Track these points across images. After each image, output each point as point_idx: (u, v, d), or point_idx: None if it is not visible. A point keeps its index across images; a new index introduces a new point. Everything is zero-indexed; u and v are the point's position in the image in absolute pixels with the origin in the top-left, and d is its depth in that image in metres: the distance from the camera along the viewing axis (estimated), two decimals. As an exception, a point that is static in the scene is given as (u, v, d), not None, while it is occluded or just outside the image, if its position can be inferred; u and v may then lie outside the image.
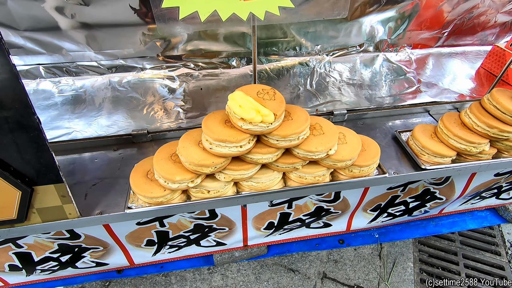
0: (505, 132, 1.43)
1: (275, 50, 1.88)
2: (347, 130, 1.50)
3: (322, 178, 1.42)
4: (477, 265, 2.62)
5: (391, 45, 2.03)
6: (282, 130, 1.26)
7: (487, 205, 2.88)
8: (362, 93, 1.93)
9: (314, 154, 1.30)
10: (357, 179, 1.50)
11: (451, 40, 2.15)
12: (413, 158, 1.63)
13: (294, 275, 2.56)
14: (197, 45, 1.76)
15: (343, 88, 1.92)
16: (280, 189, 1.47)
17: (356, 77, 1.98)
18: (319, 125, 1.39)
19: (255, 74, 1.42)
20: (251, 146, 1.27)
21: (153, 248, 2.26)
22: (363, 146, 1.49)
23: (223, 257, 2.50)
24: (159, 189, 1.33)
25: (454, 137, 1.50)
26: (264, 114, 1.15)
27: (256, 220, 2.22)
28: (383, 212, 2.50)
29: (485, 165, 1.54)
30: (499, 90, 1.49)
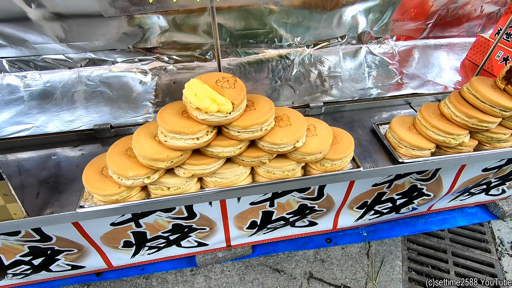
0: (484, 122, 1.36)
1: (253, 42, 1.81)
2: (319, 122, 1.42)
3: (292, 173, 1.35)
4: (466, 263, 2.57)
5: (374, 37, 1.97)
6: (243, 120, 1.18)
7: (476, 202, 2.83)
8: (341, 85, 1.86)
9: (280, 146, 1.22)
10: (329, 173, 1.42)
11: (437, 32, 2.08)
12: (391, 151, 1.57)
13: (279, 275, 2.49)
14: (170, 37, 1.68)
15: (322, 81, 1.84)
16: (246, 185, 1.39)
17: (337, 70, 1.91)
18: (287, 116, 1.31)
19: (219, 62, 1.34)
20: (209, 138, 1.19)
21: (131, 249, 2.18)
22: (336, 139, 1.42)
23: (206, 258, 2.43)
24: (113, 186, 1.24)
25: (432, 128, 1.43)
26: (220, 103, 1.07)
27: (237, 219, 2.15)
28: (370, 209, 2.44)
29: (465, 157, 1.47)
30: (479, 78, 1.42)
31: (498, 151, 1.52)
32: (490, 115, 1.36)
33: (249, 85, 1.80)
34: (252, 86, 1.80)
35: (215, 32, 1.24)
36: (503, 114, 1.36)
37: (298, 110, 1.70)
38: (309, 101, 1.68)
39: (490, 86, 1.39)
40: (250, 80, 1.84)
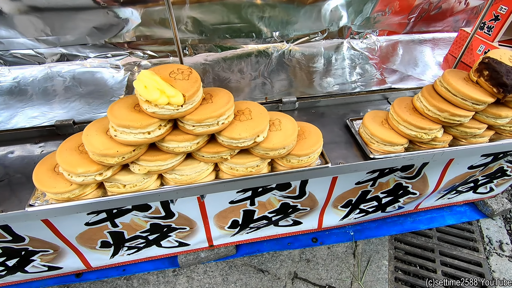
0: (456, 116, 1.31)
1: (230, 37, 1.77)
2: (285, 117, 1.37)
3: (256, 169, 1.30)
4: (454, 262, 2.53)
5: (355, 32, 1.93)
6: (198, 114, 1.13)
7: (465, 200, 2.79)
8: (319, 81, 1.81)
9: (239, 141, 1.18)
10: (296, 170, 1.37)
11: (420, 27, 2.04)
12: (363, 147, 1.52)
13: (263, 275, 2.44)
14: (143, 32, 1.64)
15: (299, 76, 1.80)
16: (206, 183, 1.33)
17: (315, 65, 1.87)
18: (249, 110, 1.27)
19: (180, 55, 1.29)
20: (162, 133, 1.14)
21: (110, 250, 2.13)
22: (304, 134, 1.37)
23: (188, 258, 2.38)
24: (64, 184, 1.19)
25: (404, 123, 1.38)
26: (170, 95, 1.03)
27: (218, 219, 2.10)
28: (355, 208, 2.40)
29: (439, 153, 1.43)
30: (452, 71, 1.38)
31: (473, 147, 1.48)
32: (462, 109, 1.32)
33: (224, 81, 1.76)
34: (227, 82, 1.75)
35: (173, 22, 1.19)
36: (475, 107, 1.31)
37: (271, 105, 1.66)
38: (282, 96, 1.63)
39: (463, 79, 1.34)
40: (226, 75, 1.79)
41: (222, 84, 1.75)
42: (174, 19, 1.20)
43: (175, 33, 1.22)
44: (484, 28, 1.75)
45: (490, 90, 1.28)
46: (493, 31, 1.71)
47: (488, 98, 1.28)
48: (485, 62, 1.29)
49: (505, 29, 1.68)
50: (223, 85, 1.75)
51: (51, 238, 1.86)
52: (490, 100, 1.29)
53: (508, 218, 2.86)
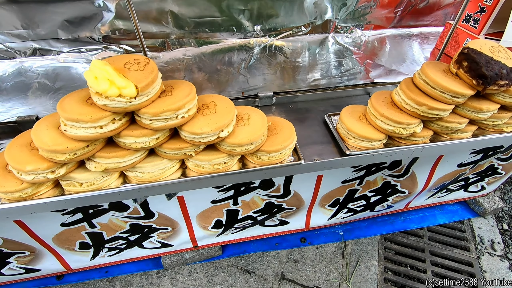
0: (434, 109, 1.25)
1: (210, 31, 1.71)
2: (254, 111, 1.31)
3: (223, 166, 1.24)
4: (444, 262, 2.48)
5: (340, 26, 1.87)
6: (154, 107, 1.06)
7: (456, 199, 2.75)
8: (300, 76, 1.75)
9: (201, 136, 1.12)
10: (266, 167, 1.30)
11: (408, 21, 1.99)
12: (339, 143, 1.46)
13: (250, 277, 2.39)
14: (118, 25, 1.58)
15: (280, 71, 1.75)
16: (169, 181, 1.25)
17: (298, 60, 1.81)
18: (214, 103, 1.21)
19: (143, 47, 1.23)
20: (116, 127, 1.07)
21: (90, 251, 2.07)
22: (276, 130, 1.31)
23: (172, 259, 2.32)
24: (15, 183, 1.12)
25: (381, 118, 1.32)
26: (121, 86, 0.96)
27: (201, 219, 2.05)
28: (343, 207, 2.35)
29: (418, 149, 1.37)
30: (431, 63, 1.32)
31: (453, 143, 1.42)
32: (441, 102, 1.26)
33: (201, 76, 1.70)
34: (205, 77, 1.69)
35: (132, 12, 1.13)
36: (454, 100, 1.25)
37: (247, 100, 1.60)
38: (261, 91, 1.57)
39: (442, 71, 1.28)
40: (204, 70, 1.73)
41: (200, 79, 1.69)
42: (133, 9, 1.14)
43: (135, 22, 1.16)
44: (470, 21, 1.70)
45: (469, 82, 1.22)
46: (479, 24, 1.66)
47: (467, 91, 1.22)
48: (464, 52, 1.23)
49: (491, 22, 1.63)
50: (201, 80, 1.70)
51: (26, 239, 1.80)
52: (470, 92, 1.23)
53: (500, 217, 2.81)
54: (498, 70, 1.15)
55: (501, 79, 1.16)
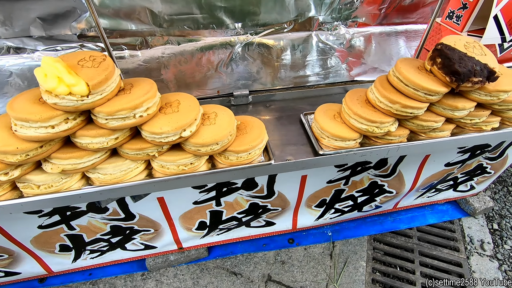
0: (408, 107, 1.22)
1: (190, 28, 1.67)
2: (222, 110, 1.27)
3: (190, 167, 1.20)
4: (433, 263, 2.45)
5: (324, 24, 1.84)
6: (108, 105, 1.02)
7: (445, 198, 2.72)
8: (280, 74, 1.72)
9: (161, 136, 1.08)
10: (234, 167, 1.25)
11: (393, 18, 1.95)
12: (313, 142, 1.41)
13: (236, 278, 2.35)
14: (93, 23, 1.54)
15: (260, 69, 1.71)
16: (131, 183, 1.20)
17: (279, 58, 1.78)
18: (178, 102, 1.17)
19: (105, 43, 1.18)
20: (70, 127, 1.01)
21: (71, 253, 2.04)
22: (246, 129, 1.28)
23: (157, 261, 2.29)
24: None
25: (354, 116, 1.29)
26: (70, 84, 0.92)
27: (184, 220, 2.01)
28: (330, 208, 2.32)
29: (394, 148, 1.34)
30: (405, 59, 1.29)
31: (430, 142, 1.38)
32: (415, 100, 1.23)
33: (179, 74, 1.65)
34: (182, 75, 1.65)
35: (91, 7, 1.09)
36: (428, 98, 1.22)
37: (222, 99, 1.57)
38: (234, 90, 1.53)
39: (416, 67, 1.25)
40: (182, 69, 1.69)
41: (178, 78, 1.66)
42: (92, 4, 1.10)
43: (95, 17, 1.12)
44: (453, 18, 1.67)
45: (443, 79, 1.19)
46: (462, 21, 1.63)
47: (441, 88, 1.19)
48: (437, 49, 1.20)
49: (474, 18, 1.60)
50: (178, 78, 1.66)
51: (3, 242, 1.77)
52: (444, 90, 1.20)
53: (490, 217, 2.79)
54: (472, 66, 1.12)
55: (475, 76, 1.13)
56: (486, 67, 1.17)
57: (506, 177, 3.18)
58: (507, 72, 1.34)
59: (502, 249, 2.54)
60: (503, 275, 2.38)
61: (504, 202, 2.93)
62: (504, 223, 2.73)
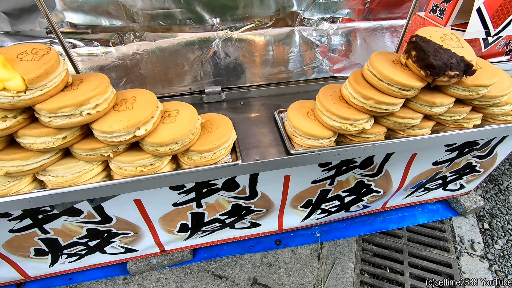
0: (382, 103, 1.16)
1: (166, 24, 1.61)
2: (186, 107, 1.20)
3: (149, 168, 1.13)
4: (423, 263, 2.40)
5: (307, 19, 1.78)
6: (51, 102, 0.94)
7: (435, 197, 2.67)
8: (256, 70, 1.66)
9: (112, 135, 1.01)
10: (196, 168, 1.18)
11: (378, 13, 1.90)
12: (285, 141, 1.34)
13: (221, 281, 2.29)
14: (61, 18, 1.48)
15: (236, 65, 1.65)
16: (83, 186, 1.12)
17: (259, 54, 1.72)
18: (134, 98, 1.10)
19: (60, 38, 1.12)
20: (8, 126, 0.92)
21: (47, 258, 1.97)
22: (212, 127, 1.22)
23: (139, 265, 2.22)
24: None
25: (327, 113, 1.22)
26: (3, 78, 0.85)
27: (164, 222, 1.95)
28: (316, 208, 2.26)
29: (369, 147, 1.28)
30: (380, 53, 1.23)
31: (408, 140, 1.32)
32: (389, 96, 1.17)
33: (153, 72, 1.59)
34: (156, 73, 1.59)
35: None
36: (403, 93, 1.16)
37: (194, 96, 1.51)
38: (205, 87, 1.47)
39: (391, 61, 1.19)
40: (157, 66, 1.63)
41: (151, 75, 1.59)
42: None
43: (44, 9, 1.06)
44: (437, 11, 1.62)
45: (418, 73, 1.13)
46: (445, 14, 1.58)
47: (416, 83, 1.13)
48: (412, 41, 1.14)
49: (457, 12, 1.55)
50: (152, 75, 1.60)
51: (-28, 247, 1.70)
52: (419, 84, 1.14)
53: (481, 216, 2.74)
54: (447, 59, 1.06)
55: (451, 70, 1.07)
56: (462, 60, 1.11)
57: (498, 176, 3.14)
58: (486, 66, 1.28)
59: (493, 249, 2.49)
60: (493, 276, 2.34)
61: (495, 201, 2.89)
62: (495, 223, 2.69)
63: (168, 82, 1.54)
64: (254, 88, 1.55)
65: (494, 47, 1.67)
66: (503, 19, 1.50)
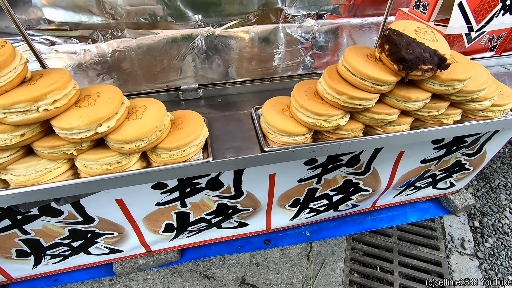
0: (355, 99, 1.13)
1: (147, 21, 1.58)
2: (153, 103, 1.16)
3: (116, 167, 1.10)
4: (412, 262, 2.39)
5: (291, 16, 1.76)
6: (4, 97, 0.89)
7: (425, 196, 2.66)
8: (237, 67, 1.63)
9: (72, 132, 0.98)
10: (164, 167, 1.16)
11: (363, 10, 1.88)
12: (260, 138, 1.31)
13: (208, 282, 2.27)
14: (39, 15, 1.45)
15: (217, 62, 1.63)
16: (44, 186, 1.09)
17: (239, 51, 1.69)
18: (98, 94, 1.08)
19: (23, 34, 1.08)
20: None
21: (30, 259, 1.94)
22: (182, 124, 1.19)
23: (125, 266, 2.19)
24: None
25: (301, 109, 1.20)
26: None
27: (148, 222, 1.92)
28: (304, 207, 2.24)
29: (345, 144, 1.26)
30: (355, 47, 1.21)
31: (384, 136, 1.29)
32: (363, 91, 1.14)
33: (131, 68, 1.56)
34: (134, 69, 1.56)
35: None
36: (377, 88, 1.13)
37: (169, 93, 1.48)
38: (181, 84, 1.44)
39: (365, 56, 1.16)
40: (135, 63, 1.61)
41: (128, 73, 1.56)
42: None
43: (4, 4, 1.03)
44: (420, 7, 1.60)
45: (392, 67, 1.10)
46: (428, 9, 1.56)
47: (389, 77, 1.11)
48: (385, 34, 1.12)
49: (440, 7, 1.52)
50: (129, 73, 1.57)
51: (-49, 248, 1.67)
52: (392, 79, 1.12)
53: (472, 214, 2.73)
54: (420, 53, 1.04)
55: (424, 63, 1.05)
56: (436, 53, 1.09)
57: (489, 174, 3.13)
58: (462, 60, 1.26)
59: (483, 247, 2.48)
60: (483, 274, 2.32)
61: (486, 199, 2.87)
62: (486, 221, 2.68)
63: (146, 79, 1.52)
64: (232, 85, 1.53)
65: (477, 42, 1.65)
66: (485, 14, 1.48)
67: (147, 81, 1.49)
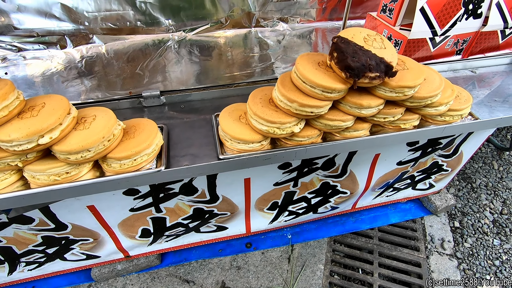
0: (306, 106, 1.13)
1: (113, 26, 1.57)
2: (104, 112, 1.15)
3: (64, 177, 1.09)
4: (392, 263, 2.40)
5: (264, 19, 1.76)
6: None
7: (406, 197, 2.68)
8: (204, 73, 1.63)
9: (12, 144, 0.97)
10: (113, 177, 1.14)
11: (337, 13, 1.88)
12: (217, 146, 1.31)
13: (188, 286, 2.26)
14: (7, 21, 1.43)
15: (183, 68, 1.62)
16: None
17: (208, 56, 1.69)
18: (43, 104, 1.07)
19: None
20: None
21: (4, 266, 1.92)
22: (135, 133, 1.19)
23: (103, 271, 2.18)
24: None
25: (254, 117, 1.19)
26: None
27: (124, 228, 1.91)
28: (283, 210, 2.25)
29: (301, 150, 1.26)
30: (307, 54, 1.21)
31: (341, 142, 1.30)
32: (313, 98, 1.14)
33: (94, 76, 1.55)
34: (99, 75, 1.55)
35: None
36: (327, 96, 1.13)
37: (132, 100, 1.47)
38: (143, 91, 1.44)
39: (316, 63, 1.17)
40: (101, 69, 1.60)
41: (94, 79, 1.55)
42: None
43: None
44: (386, 11, 1.61)
45: (340, 74, 1.11)
46: (394, 14, 1.57)
47: (337, 85, 1.11)
48: (334, 42, 1.13)
49: (405, 11, 1.53)
50: (95, 79, 1.55)
51: None
52: (341, 86, 1.12)
53: (452, 215, 2.75)
54: (365, 61, 1.05)
55: (370, 71, 1.05)
56: (382, 61, 1.10)
57: (471, 174, 3.15)
58: (414, 66, 1.27)
59: (462, 247, 2.50)
60: (462, 274, 2.34)
61: (467, 199, 2.90)
62: (466, 221, 2.70)
63: (110, 86, 1.51)
64: (195, 91, 1.52)
65: (442, 46, 1.67)
66: (448, 18, 1.50)
67: (112, 88, 1.48)
